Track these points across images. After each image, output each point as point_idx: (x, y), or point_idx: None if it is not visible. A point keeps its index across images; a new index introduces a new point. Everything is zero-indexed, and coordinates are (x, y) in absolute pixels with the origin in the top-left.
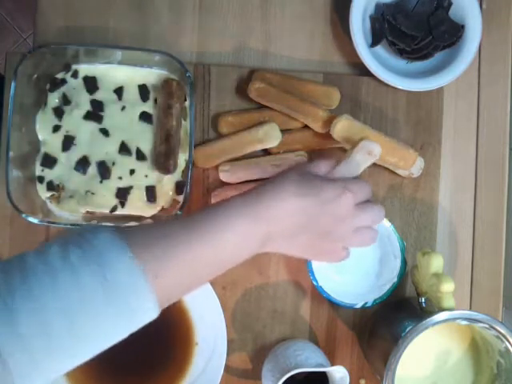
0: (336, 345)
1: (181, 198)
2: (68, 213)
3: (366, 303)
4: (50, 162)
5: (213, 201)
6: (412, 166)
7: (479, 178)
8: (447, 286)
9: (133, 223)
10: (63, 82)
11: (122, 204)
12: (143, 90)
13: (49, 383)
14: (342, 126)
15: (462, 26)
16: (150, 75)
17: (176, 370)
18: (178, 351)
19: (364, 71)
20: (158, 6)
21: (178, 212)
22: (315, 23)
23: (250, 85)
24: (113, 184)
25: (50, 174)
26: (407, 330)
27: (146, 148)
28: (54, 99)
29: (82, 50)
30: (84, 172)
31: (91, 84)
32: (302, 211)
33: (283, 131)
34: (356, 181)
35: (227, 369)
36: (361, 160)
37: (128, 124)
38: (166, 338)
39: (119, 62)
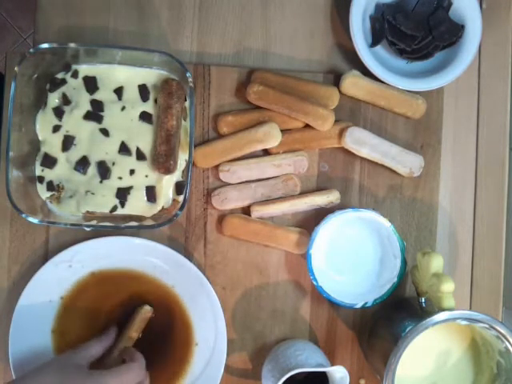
0: (336, 345)
1: (181, 198)
2: (68, 213)
3: (366, 303)
4: (50, 162)
5: (213, 201)
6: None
7: (479, 178)
8: (447, 286)
9: (133, 223)
10: (63, 82)
11: (122, 204)
12: (143, 90)
13: None
14: (350, 82)
15: (462, 26)
16: (150, 75)
17: (176, 370)
18: (177, 351)
19: (364, 71)
20: (158, 5)
21: (178, 212)
22: (315, 23)
23: (248, 88)
24: (113, 184)
25: (49, 174)
26: (407, 330)
27: (146, 148)
28: (54, 99)
29: (81, 49)
30: (84, 172)
31: (91, 84)
32: None
33: (283, 131)
34: (120, 370)
35: (227, 369)
36: None
37: (128, 124)
38: (165, 339)
39: (119, 62)
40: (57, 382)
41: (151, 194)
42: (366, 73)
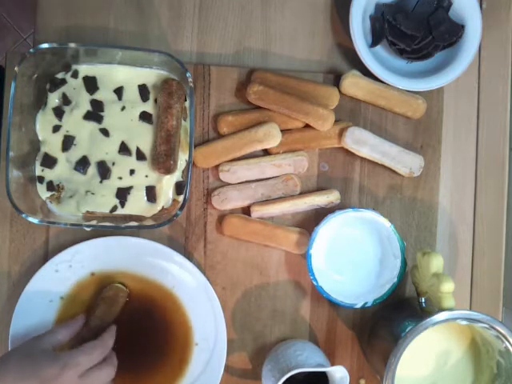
0: (336, 345)
1: (181, 198)
2: (68, 213)
3: (365, 303)
4: (50, 162)
5: (213, 201)
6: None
7: (479, 178)
8: (447, 286)
9: (133, 223)
10: (63, 82)
11: (122, 204)
12: (143, 90)
13: None
14: (350, 82)
15: (462, 26)
16: (150, 75)
17: (176, 370)
18: (177, 351)
19: (364, 71)
20: (158, 5)
21: (178, 212)
22: (315, 23)
23: (248, 88)
24: (113, 184)
25: (49, 174)
26: (407, 330)
27: (146, 148)
28: (54, 99)
29: (81, 50)
30: (84, 172)
31: (91, 84)
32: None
33: (283, 131)
34: (83, 350)
35: (227, 369)
36: None
37: (128, 124)
38: (165, 339)
39: (119, 62)
40: (22, 367)
41: (151, 194)
42: (366, 73)
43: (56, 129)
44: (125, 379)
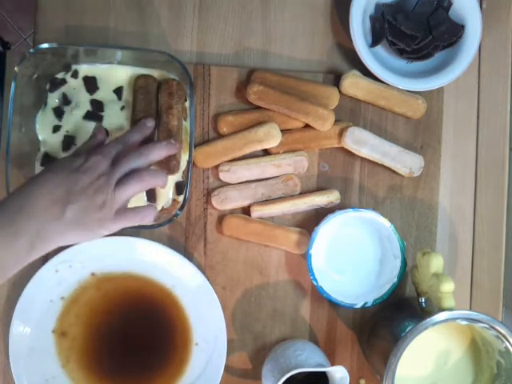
0: (336, 345)
1: (181, 198)
2: None
3: (365, 303)
4: (50, 162)
5: (213, 201)
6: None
7: (479, 178)
8: (447, 286)
9: None
10: (63, 82)
11: None
12: None
13: None
14: (350, 82)
15: (462, 26)
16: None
17: (176, 371)
18: (177, 351)
19: (364, 71)
20: (158, 6)
21: (178, 212)
22: (315, 23)
23: (248, 88)
24: None
25: None
26: (407, 329)
27: None
28: (54, 99)
29: (81, 50)
30: None
31: (91, 84)
32: (52, 183)
33: (283, 131)
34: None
35: (227, 369)
36: None
37: (128, 124)
38: (165, 339)
39: (119, 62)
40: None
41: (151, 194)
42: (366, 73)
43: (56, 129)
44: (125, 379)
